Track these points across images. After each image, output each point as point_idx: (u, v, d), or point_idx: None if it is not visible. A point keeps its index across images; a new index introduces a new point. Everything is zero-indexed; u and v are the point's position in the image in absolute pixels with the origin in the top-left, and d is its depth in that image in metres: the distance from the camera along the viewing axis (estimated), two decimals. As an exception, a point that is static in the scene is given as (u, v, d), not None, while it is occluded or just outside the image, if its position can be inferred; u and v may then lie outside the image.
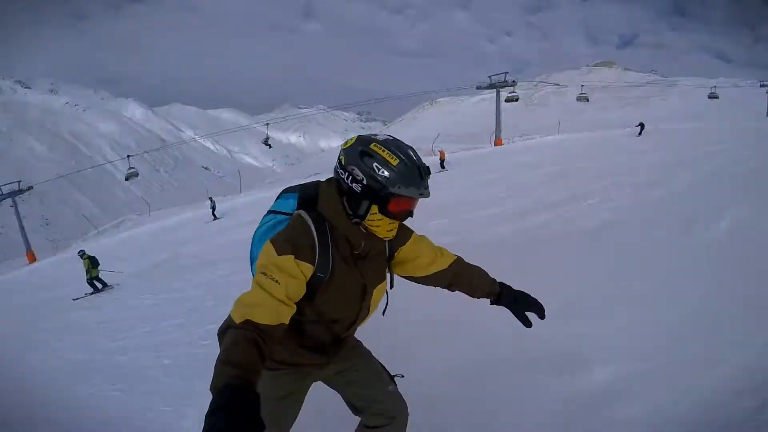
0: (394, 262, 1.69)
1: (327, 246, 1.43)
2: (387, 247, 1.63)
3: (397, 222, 1.48)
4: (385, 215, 1.44)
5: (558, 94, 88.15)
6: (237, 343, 1.17)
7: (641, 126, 24.49)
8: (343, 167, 1.44)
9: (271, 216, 1.61)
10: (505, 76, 33.12)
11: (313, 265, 1.41)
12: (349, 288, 1.53)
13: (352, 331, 1.70)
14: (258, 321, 1.23)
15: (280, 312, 1.30)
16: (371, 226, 1.47)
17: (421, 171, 1.42)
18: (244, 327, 1.21)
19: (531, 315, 1.71)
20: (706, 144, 13.04)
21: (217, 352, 1.16)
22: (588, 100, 37.60)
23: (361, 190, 1.41)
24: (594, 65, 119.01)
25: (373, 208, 1.43)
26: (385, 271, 1.66)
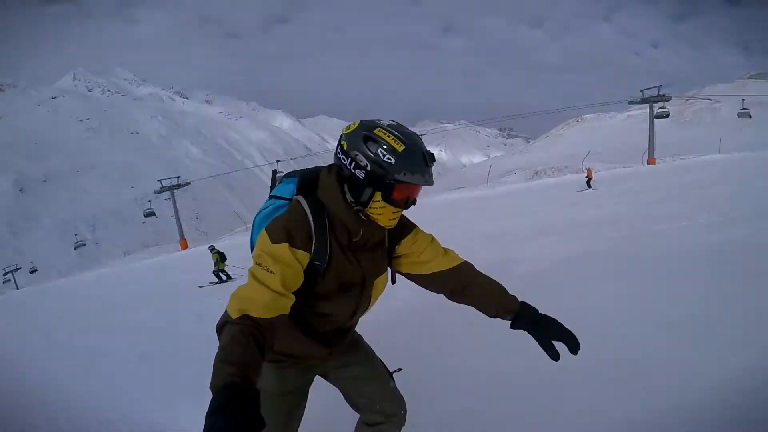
0: (395, 256, 1.63)
1: (324, 233, 1.40)
2: (387, 239, 1.58)
3: (400, 210, 1.45)
4: (389, 203, 1.40)
5: (711, 110, 76.09)
6: (235, 338, 1.14)
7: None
8: (345, 152, 1.39)
9: (271, 201, 1.56)
10: (659, 89, 30.60)
11: (310, 252, 1.38)
12: (347, 277, 1.49)
13: (353, 323, 1.67)
14: (255, 314, 1.20)
15: (278, 303, 1.27)
16: (373, 213, 1.43)
17: (426, 158, 1.38)
18: (242, 322, 1.18)
19: (560, 346, 1.47)
20: None
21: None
22: (750, 117, 33.17)
23: (365, 177, 1.37)
24: (749, 77, 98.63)
25: (376, 196, 1.39)
26: (385, 263, 1.62)
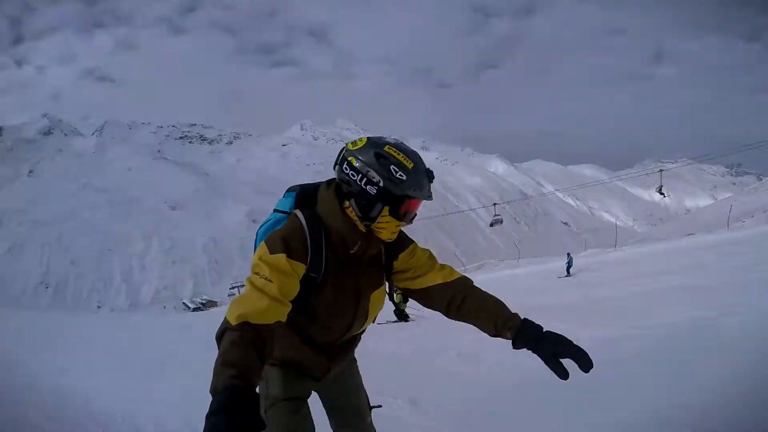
0: (394, 272, 1.63)
1: (320, 246, 1.44)
2: (383, 253, 1.59)
3: (402, 224, 1.48)
4: (395, 217, 1.43)
5: None
6: (235, 344, 1.15)
7: None
8: (355, 169, 1.41)
9: (273, 215, 1.60)
10: None
11: (306, 264, 1.41)
12: (343, 289, 1.50)
13: (350, 336, 1.65)
14: (254, 321, 1.22)
15: (276, 310, 1.28)
16: (378, 227, 1.45)
17: (428, 174, 1.44)
18: (241, 328, 1.19)
19: (568, 364, 1.35)
20: None
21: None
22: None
23: (377, 192, 1.40)
24: None
25: (384, 210, 1.42)
26: (381, 277, 1.62)
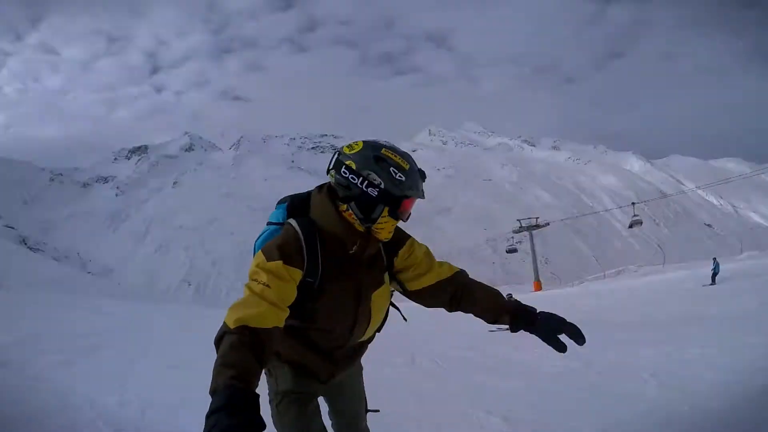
0: (396, 271, 1.65)
1: (315, 251, 1.46)
2: (383, 251, 1.61)
3: (396, 223, 1.52)
4: (393, 217, 1.48)
5: None
6: (233, 346, 1.17)
7: None
8: (355, 172, 1.44)
9: (267, 227, 1.63)
10: None
11: (302, 270, 1.43)
12: (343, 290, 1.52)
13: (354, 341, 1.65)
14: (253, 325, 1.23)
15: (274, 315, 1.30)
16: (378, 228, 1.48)
17: (422, 174, 1.51)
18: (240, 332, 1.20)
19: (566, 340, 1.49)
20: None
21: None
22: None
23: (378, 194, 1.43)
24: None
25: (384, 211, 1.46)
26: (383, 276, 1.62)
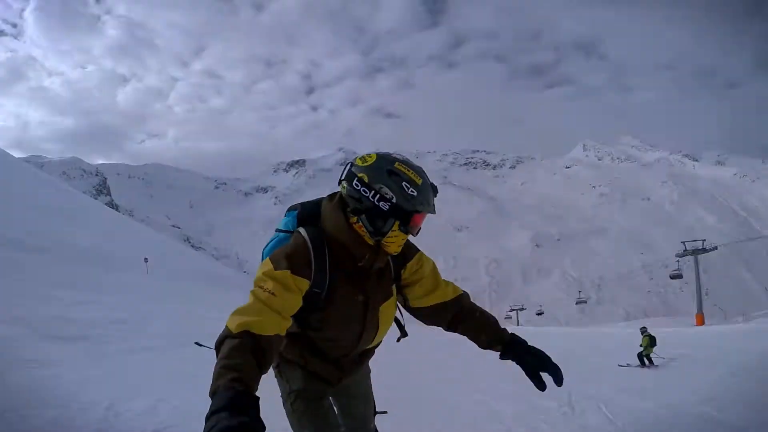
0: (403, 285, 1.70)
1: (324, 262, 1.49)
2: (392, 264, 1.66)
3: (406, 237, 1.55)
4: (403, 231, 1.49)
5: None
6: (235, 349, 1.19)
7: None
8: (367, 185, 1.45)
9: (276, 235, 1.68)
10: None
11: (309, 280, 1.46)
12: (350, 301, 1.56)
13: (361, 349, 1.69)
14: (255, 331, 1.25)
15: (276, 323, 1.33)
16: (387, 241, 1.51)
17: (434, 189, 1.52)
18: (241, 336, 1.23)
19: (546, 378, 1.55)
20: None
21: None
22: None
23: (389, 208, 1.44)
24: None
25: (395, 225, 1.47)
26: (391, 288, 1.66)
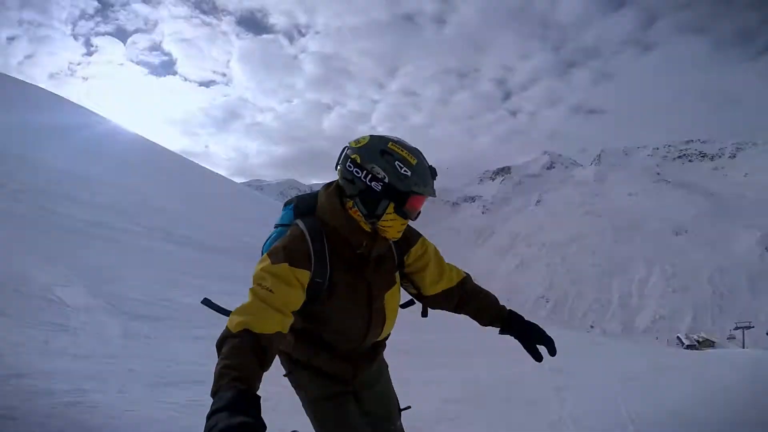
0: (408, 272, 1.70)
1: (323, 252, 1.46)
2: (395, 251, 1.64)
3: (406, 222, 1.51)
4: (400, 214, 1.46)
5: None
6: (235, 349, 1.20)
7: None
8: (359, 166, 1.43)
9: (275, 230, 1.64)
10: None
11: (309, 270, 1.43)
12: (354, 291, 1.53)
13: (371, 341, 1.66)
14: (255, 330, 1.25)
15: (277, 320, 1.31)
16: (384, 226, 1.47)
17: (432, 172, 1.48)
18: (242, 335, 1.23)
19: (542, 349, 1.67)
20: None
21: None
22: None
23: (382, 188, 1.42)
24: None
25: (389, 207, 1.44)
26: (394, 276, 1.65)
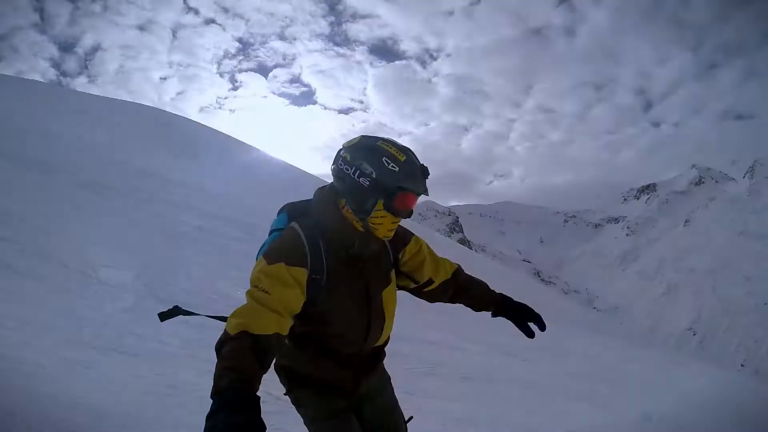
0: (403, 272, 1.71)
1: (318, 249, 1.46)
2: (389, 250, 1.65)
3: (398, 221, 1.50)
4: (390, 212, 1.44)
5: None
6: (235, 350, 1.21)
7: None
8: (348, 162, 1.44)
9: (271, 236, 1.63)
10: None
11: (306, 268, 1.42)
12: (351, 290, 1.53)
13: (371, 344, 1.64)
14: (253, 331, 1.25)
15: (275, 322, 1.30)
16: (373, 224, 1.46)
17: (423, 170, 1.46)
18: (240, 337, 1.23)
19: (533, 327, 1.78)
20: None
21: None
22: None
23: (370, 184, 1.41)
24: None
25: (378, 204, 1.43)
26: (390, 274, 1.65)
